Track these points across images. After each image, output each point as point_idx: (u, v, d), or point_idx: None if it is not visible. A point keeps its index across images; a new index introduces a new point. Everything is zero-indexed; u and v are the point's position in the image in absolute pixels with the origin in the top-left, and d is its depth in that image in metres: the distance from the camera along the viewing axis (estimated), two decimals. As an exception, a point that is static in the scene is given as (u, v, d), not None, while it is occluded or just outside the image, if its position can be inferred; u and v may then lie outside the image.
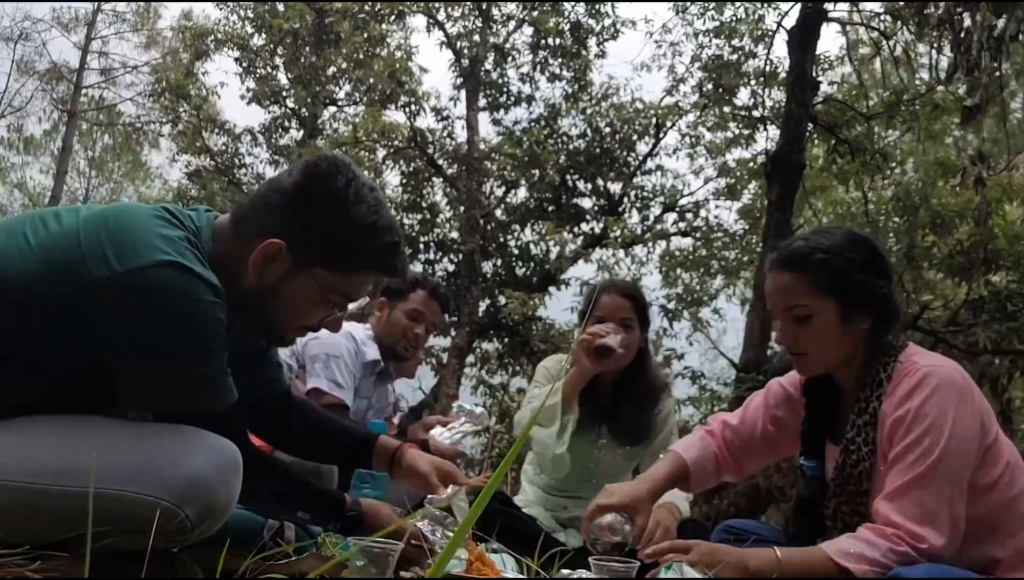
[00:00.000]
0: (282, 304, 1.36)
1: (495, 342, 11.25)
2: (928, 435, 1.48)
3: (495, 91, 11.14)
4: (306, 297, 1.36)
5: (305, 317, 1.39)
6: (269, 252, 1.31)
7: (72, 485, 1.13)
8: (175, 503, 1.14)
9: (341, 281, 1.36)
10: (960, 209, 8.30)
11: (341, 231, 1.33)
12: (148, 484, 1.14)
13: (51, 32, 16.07)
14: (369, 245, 1.35)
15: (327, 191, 1.33)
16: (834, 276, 1.58)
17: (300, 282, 1.34)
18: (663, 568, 1.98)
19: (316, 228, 1.33)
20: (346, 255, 1.35)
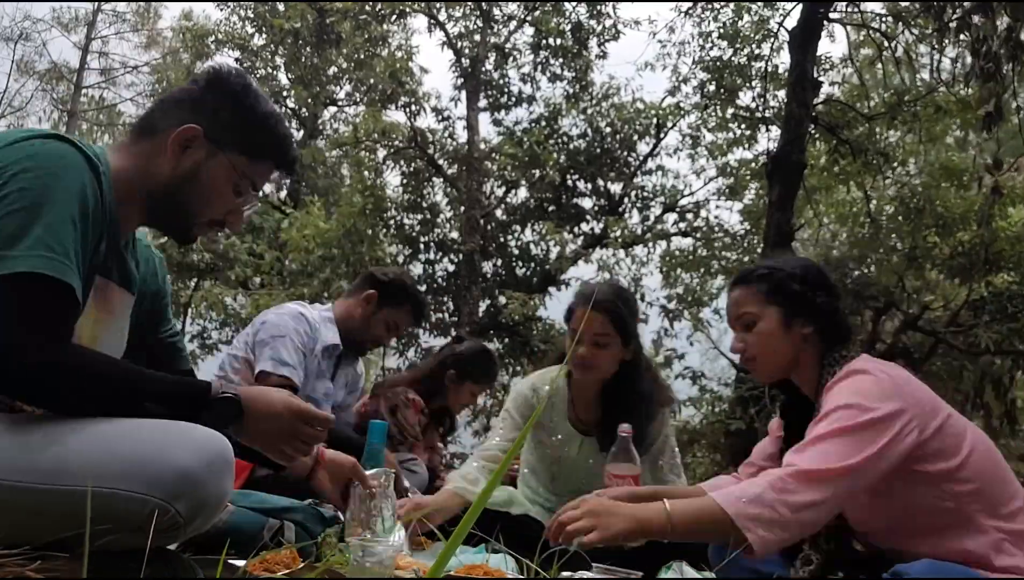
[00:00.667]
0: (199, 189, 1.40)
1: (495, 342, 11.24)
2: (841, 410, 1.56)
3: (496, 91, 11.14)
4: (222, 180, 1.42)
5: (218, 203, 1.44)
6: (187, 135, 1.38)
7: (62, 484, 1.12)
8: (165, 499, 1.13)
9: (250, 166, 1.44)
10: (963, 211, 8.31)
11: (250, 117, 1.44)
12: (138, 481, 1.13)
13: (51, 32, 16.13)
14: (273, 132, 1.46)
15: (234, 84, 1.44)
16: (776, 287, 1.79)
17: (217, 164, 1.41)
18: (663, 568, 1.98)
19: (228, 114, 1.42)
20: (255, 140, 1.44)
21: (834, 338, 1.77)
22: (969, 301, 7.96)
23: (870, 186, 9.48)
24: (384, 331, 2.85)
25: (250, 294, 10.60)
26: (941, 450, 1.58)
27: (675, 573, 1.94)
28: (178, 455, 1.16)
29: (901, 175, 9.77)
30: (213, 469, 1.18)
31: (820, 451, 1.51)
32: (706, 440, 8.83)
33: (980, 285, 7.94)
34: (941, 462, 1.57)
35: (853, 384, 1.62)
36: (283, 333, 2.57)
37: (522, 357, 10.72)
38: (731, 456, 7.51)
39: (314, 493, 2.13)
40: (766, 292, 1.79)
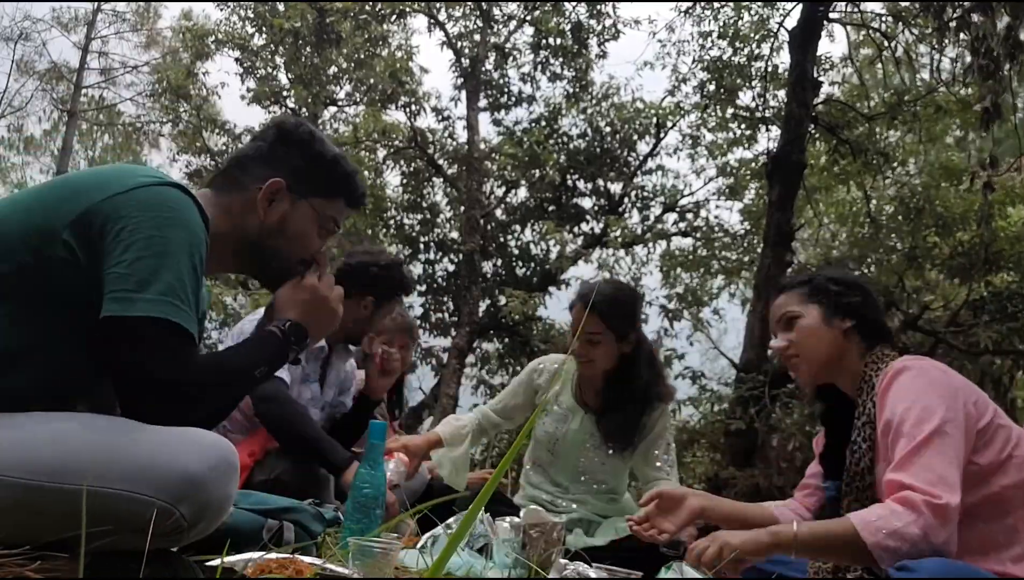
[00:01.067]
0: (289, 236, 1.52)
1: (495, 342, 11.25)
2: (913, 410, 1.63)
3: (496, 91, 11.14)
4: (307, 225, 1.54)
5: (308, 246, 1.56)
6: (272, 189, 1.50)
7: (67, 483, 1.12)
8: (170, 502, 1.13)
9: (329, 206, 1.57)
10: (963, 211, 8.31)
11: (322, 161, 1.57)
12: (143, 483, 1.13)
13: (51, 32, 16.08)
14: (343, 172, 1.60)
15: (302, 133, 1.57)
16: (815, 288, 1.92)
17: (301, 212, 1.53)
18: (663, 568, 1.99)
19: (303, 162, 1.54)
20: (329, 181, 1.58)
21: (874, 336, 1.87)
22: (969, 301, 7.96)
23: (870, 186, 9.47)
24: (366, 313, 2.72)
25: (250, 294, 10.59)
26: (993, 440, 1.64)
27: (675, 573, 1.94)
28: (183, 458, 1.16)
29: (901, 175, 9.77)
30: (218, 473, 1.19)
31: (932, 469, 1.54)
32: (706, 440, 8.82)
33: (980, 285, 7.94)
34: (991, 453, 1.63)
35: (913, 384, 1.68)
36: None
37: (522, 357, 10.72)
38: (731, 456, 7.51)
39: (314, 493, 2.13)
40: (807, 293, 1.92)
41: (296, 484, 2.21)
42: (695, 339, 11.06)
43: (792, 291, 1.95)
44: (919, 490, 1.52)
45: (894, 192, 9.59)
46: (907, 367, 1.72)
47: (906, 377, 1.70)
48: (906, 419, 1.62)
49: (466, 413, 2.79)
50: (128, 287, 1.22)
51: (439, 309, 11.11)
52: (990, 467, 1.61)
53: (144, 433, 1.20)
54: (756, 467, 7.10)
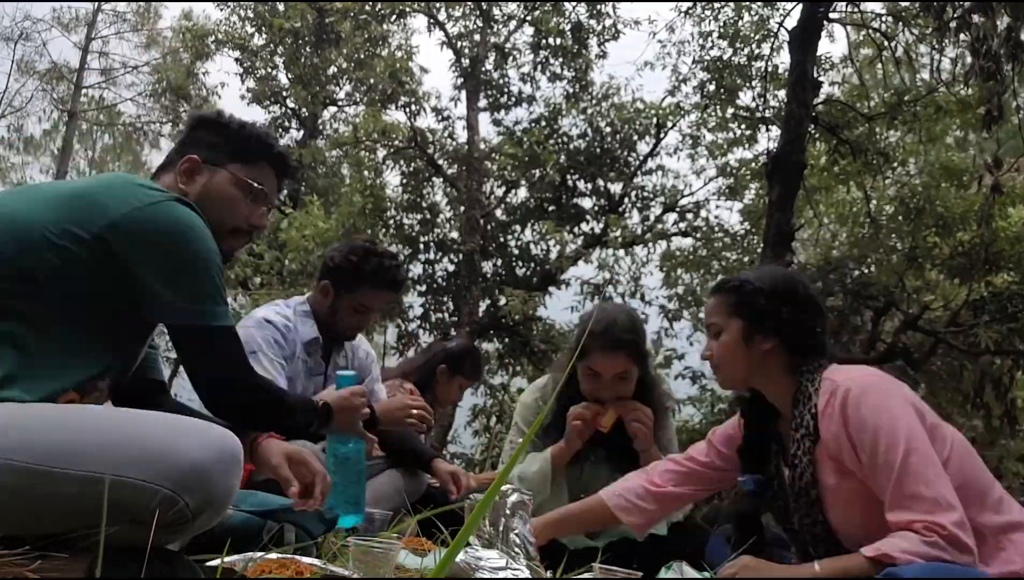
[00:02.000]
0: (213, 205, 1.60)
1: (495, 342, 11.24)
2: (880, 437, 1.59)
3: (496, 91, 11.14)
4: (228, 191, 1.64)
5: (235, 211, 1.65)
6: (188, 167, 1.62)
7: (75, 468, 1.13)
8: (175, 491, 1.13)
9: (250, 171, 1.67)
10: (963, 211, 8.31)
11: (230, 131, 1.69)
12: (148, 470, 1.13)
13: (51, 32, 16.06)
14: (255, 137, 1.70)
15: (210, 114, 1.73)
16: (742, 301, 1.83)
17: (219, 178, 1.64)
18: (663, 568, 1.99)
19: (215, 137, 1.67)
20: (245, 147, 1.68)
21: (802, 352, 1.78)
22: (969, 301, 7.96)
23: (870, 186, 9.47)
24: (355, 317, 2.68)
25: (250, 294, 10.59)
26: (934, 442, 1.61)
27: (675, 573, 1.94)
28: (190, 447, 1.17)
29: (901, 175, 9.76)
30: (223, 465, 1.19)
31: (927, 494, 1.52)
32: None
33: (980, 285, 7.94)
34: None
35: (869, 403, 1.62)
36: (253, 349, 2.46)
37: (522, 357, 10.73)
38: (731, 456, 7.49)
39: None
40: (732, 304, 1.84)
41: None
42: (695, 339, 11.05)
43: (720, 297, 1.88)
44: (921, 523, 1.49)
45: (894, 192, 9.59)
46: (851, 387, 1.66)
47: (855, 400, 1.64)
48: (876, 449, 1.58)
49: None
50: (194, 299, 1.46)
51: (439, 309, 11.10)
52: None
53: (151, 422, 1.22)
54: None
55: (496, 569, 1.53)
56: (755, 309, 1.80)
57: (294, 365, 2.60)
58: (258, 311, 2.67)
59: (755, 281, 1.85)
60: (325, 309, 2.67)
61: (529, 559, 1.73)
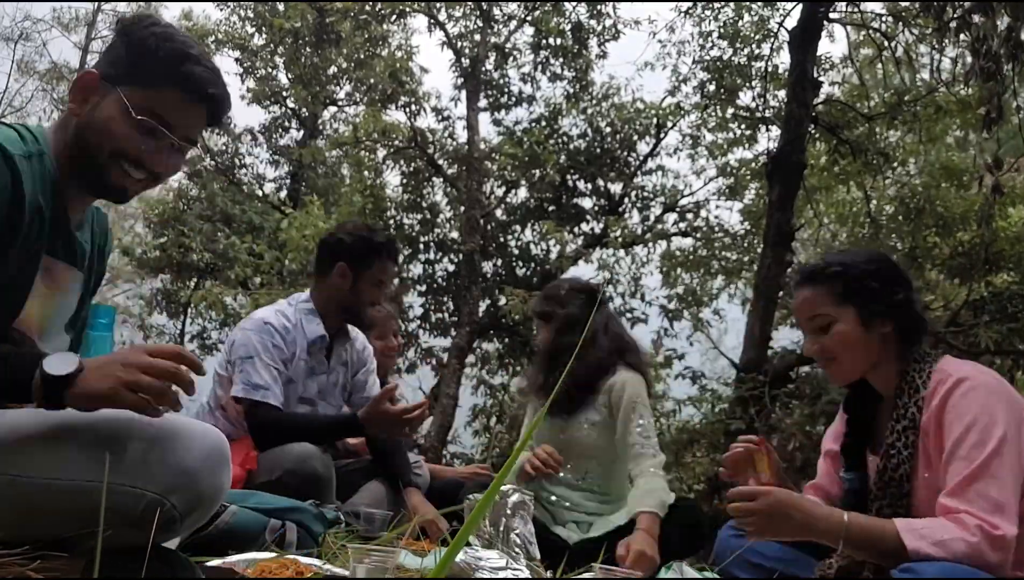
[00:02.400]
0: (96, 130, 1.36)
1: (495, 342, 11.24)
2: (973, 430, 1.53)
3: (496, 91, 11.13)
4: (116, 117, 1.36)
5: (118, 140, 1.36)
6: (84, 83, 1.37)
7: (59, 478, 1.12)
8: (161, 493, 1.13)
9: (147, 97, 1.37)
10: (963, 211, 8.31)
11: (141, 47, 1.38)
12: (133, 475, 1.13)
13: (51, 32, 16.10)
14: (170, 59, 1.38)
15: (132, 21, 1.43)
16: (850, 285, 1.72)
17: (108, 103, 1.36)
18: (663, 568, 1.99)
19: (122, 50, 1.39)
20: (148, 69, 1.37)
21: (912, 333, 1.74)
22: (969, 301, 7.95)
23: (870, 186, 9.47)
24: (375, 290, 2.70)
25: (250, 294, 10.59)
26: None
27: (675, 573, 1.94)
28: (174, 449, 1.16)
29: (901, 175, 9.76)
30: (209, 463, 1.18)
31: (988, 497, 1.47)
32: (706, 440, 8.81)
33: (980, 285, 7.93)
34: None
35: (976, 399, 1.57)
36: (250, 354, 2.49)
37: (522, 357, 10.72)
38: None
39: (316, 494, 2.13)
40: (841, 292, 1.73)
41: (297, 484, 2.21)
42: (695, 339, 11.05)
43: (822, 287, 1.76)
44: (974, 515, 1.46)
45: (894, 192, 9.58)
46: (965, 378, 1.61)
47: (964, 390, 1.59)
48: (964, 440, 1.53)
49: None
50: None
51: (439, 309, 11.10)
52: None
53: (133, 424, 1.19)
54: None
55: (496, 569, 1.53)
56: (868, 293, 1.72)
57: (295, 366, 2.60)
58: (258, 313, 2.67)
59: (856, 263, 1.76)
60: (346, 292, 2.67)
61: (529, 559, 1.73)
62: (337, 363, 2.76)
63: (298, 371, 2.61)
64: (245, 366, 2.49)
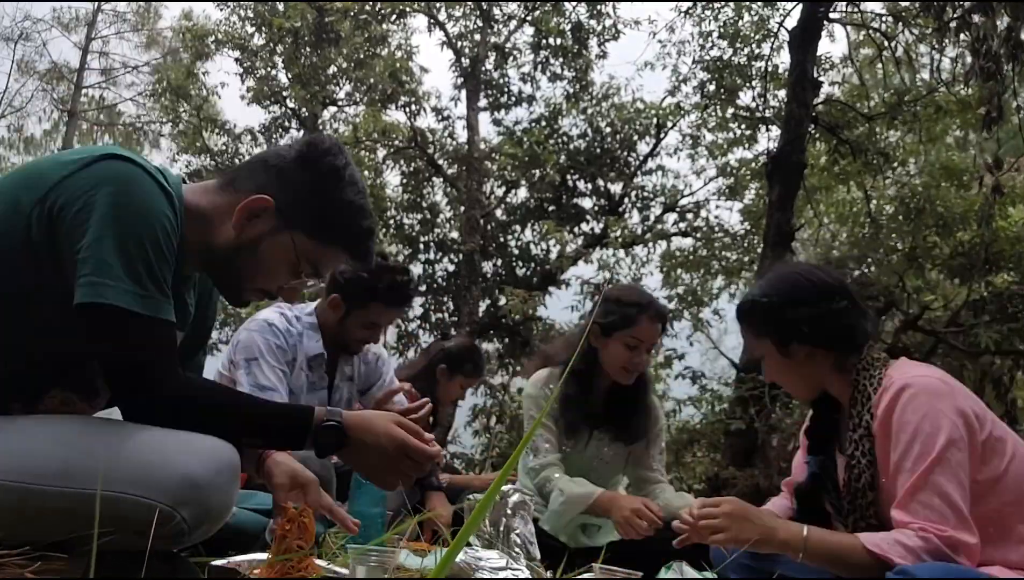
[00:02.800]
0: (256, 260, 1.38)
1: (495, 342, 11.24)
2: (916, 442, 1.56)
3: (496, 91, 11.13)
4: (280, 257, 1.39)
5: (272, 278, 1.41)
6: (256, 206, 1.35)
7: (70, 487, 1.12)
8: (172, 506, 1.13)
9: (315, 250, 1.40)
10: (963, 211, 8.31)
11: (329, 202, 1.38)
12: (145, 486, 1.12)
13: (51, 32, 16.10)
14: (351, 223, 1.41)
15: (326, 163, 1.39)
16: (763, 318, 1.80)
17: (279, 241, 1.37)
18: (663, 568, 1.99)
19: (307, 194, 1.37)
20: (328, 225, 1.39)
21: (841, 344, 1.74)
22: (969, 301, 7.96)
23: (870, 186, 9.47)
24: (364, 332, 2.63)
25: (250, 294, 10.58)
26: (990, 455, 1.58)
27: (675, 573, 1.94)
28: (185, 462, 1.16)
29: (901, 175, 9.76)
30: (220, 478, 1.18)
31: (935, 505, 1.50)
32: (706, 440, 8.83)
33: (980, 285, 7.93)
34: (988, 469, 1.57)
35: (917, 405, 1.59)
36: (254, 355, 2.46)
37: (522, 357, 10.72)
38: (731, 456, 7.50)
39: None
40: (757, 325, 1.82)
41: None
42: (695, 339, 11.06)
43: (745, 324, 1.86)
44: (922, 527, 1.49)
45: (894, 192, 9.59)
46: (907, 385, 1.62)
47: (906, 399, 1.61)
48: (908, 452, 1.56)
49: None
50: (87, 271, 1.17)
51: (439, 309, 11.10)
52: (987, 483, 1.56)
53: (147, 436, 1.20)
54: (756, 467, 7.10)
55: (496, 569, 1.53)
56: (773, 321, 1.77)
57: (295, 376, 2.57)
58: (261, 313, 2.65)
59: (761, 296, 1.81)
60: (333, 323, 2.61)
61: (530, 559, 1.73)
62: (342, 380, 2.73)
63: (299, 383, 2.58)
64: (251, 367, 2.46)
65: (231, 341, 2.69)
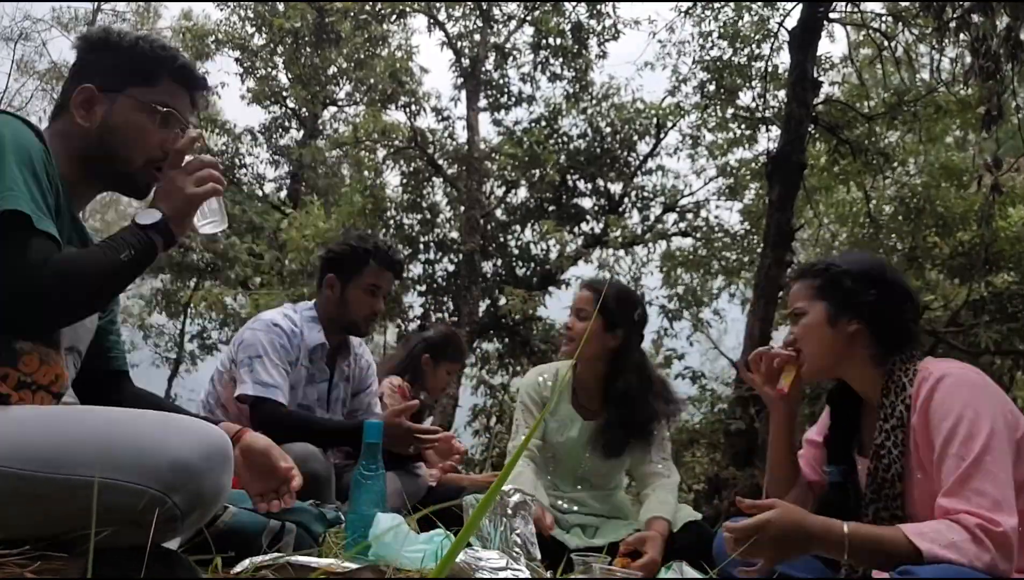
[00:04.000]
0: (119, 136, 1.46)
1: (495, 342, 11.25)
2: (961, 426, 1.54)
3: (496, 91, 11.14)
4: (133, 116, 1.47)
5: (144, 141, 1.47)
6: (85, 96, 1.45)
7: (61, 472, 1.12)
8: (163, 491, 1.12)
9: (154, 93, 1.49)
10: (963, 211, 8.31)
11: (124, 50, 1.49)
12: (135, 472, 1.12)
13: (51, 32, 16.11)
14: (151, 52, 1.50)
15: (98, 32, 1.54)
16: (828, 282, 1.79)
17: (120, 105, 1.46)
18: (663, 568, 1.99)
19: (108, 60, 1.48)
20: (140, 67, 1.49)
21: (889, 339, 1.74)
22: (969, 301, 7.96)
23: (870, 186, 9.47)
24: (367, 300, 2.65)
25: (250, 294, 10.60)
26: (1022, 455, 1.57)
27: (675, 573, 1.94)
28: (176, 447, 1.16)
29: (901, 175, 9.77)
30: (212, 462, 1.18)
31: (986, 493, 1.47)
32: (706, 440, 8.83)
33: (980, 285, 7.94)
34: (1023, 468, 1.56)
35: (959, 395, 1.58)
36: (259, 353, 2.49)
37: (522, 357, 10.73)
38: (731, 456, 7.51)
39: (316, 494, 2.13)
40: (817, 286, 1.80)
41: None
42: (695, 339, 11.07)
43: (804, 282, 1.84)
44: (974, 514, 1.45)
45: (894, 192, 9.59)
46: (947, 374, 1.62)
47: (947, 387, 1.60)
48: (953, 437, 1.53)
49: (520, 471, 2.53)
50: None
51: (439, 309, 11.11)
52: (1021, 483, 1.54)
53: (136, 421, 1.20)
54: (756, 467, 7.10)
55: (496, 569, 1.53)
56: (840, 290, 1.76)
57: (296, 372, 2.59)
58: (265, 315, 2.67)
59: (842, 263, 1.82)
60: (335, 303, 2.65)
61: (530, 559, 1.73)
62: (340, 378, 2.75)
63: (299, 377, 2.60)
64: (254, 364, 2.49)
65: (233, 339, 2.70)
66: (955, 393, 1.58)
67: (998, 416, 1.55)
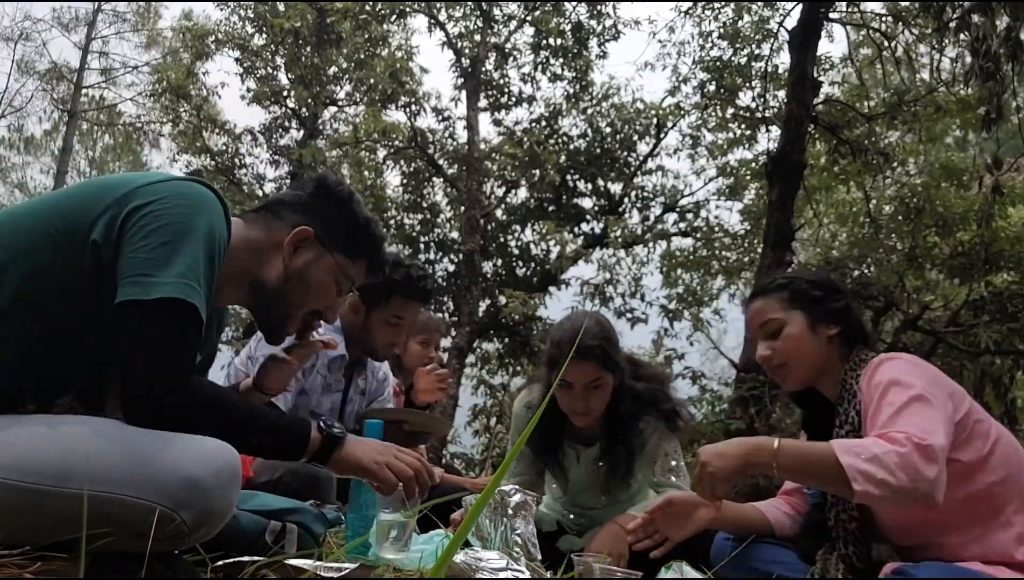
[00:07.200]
0: (305, 287, 1.53)
1: (495, 342, 11.24)
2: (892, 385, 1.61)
3: (496, 91, 11.14)
4: (326, 279, 1.55)
5: (322, 299, 1.57)
6: (300, 237, 1.52)
7: (69, 487, 1.12)
8: (172, 508, 1.13)
9: (350, 265, 1.58)
10: (963, 211, 8.31)
11: (353, 221, 1.60)
12: (145, 488, 1.13)
13: (51, 32, 16.17)
14: (372, 235, 1.62)
15: (341, 190, 1.61)
16: (797, 293, 1.87)
17: (323, 264, 1.55)
18: (663, 568, 1.99)
19: (335, 218, 1.57)
20: (357, 241, 1.60)
21: (855, 339, 1.85)
22: (969, 301, 7.95)
23: (870, 186, 9.47)
24: (389, 330, 2.58)
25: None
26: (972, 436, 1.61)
27: (675, 573, 1.94)
28: (186, 464, 1.16)
29: (901, 175, 9.77)
30: (221, 480, 1.18)
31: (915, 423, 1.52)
32: (706, 440, 8.82)
33: (980, 285, 7.93)
34: (972, 450, 1.60)
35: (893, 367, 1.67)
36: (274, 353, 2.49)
37: (522, 357, 10.73)
38: (731, 456, 7.49)
39: (316, 495, 2.13)
40: (788, 298, 1.87)
41: (298, 485, 2.20)
42: (695, 339, 11.06)
43: (771, 296, 1.89)
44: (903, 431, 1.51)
45: (894, 192, 9.59)
46: (886, 358, 1.72)
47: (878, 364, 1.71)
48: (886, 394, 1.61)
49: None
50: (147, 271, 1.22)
51: (439, 309, 11.10)
52: (973, 464, 1.59)
53: (147, 438, 1.20)
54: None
55: (496, 569, 1.53)
56: (810, 299, 1.85)
57: (312, 378, 2.56)
58: None
59: (800, 276, 1.93)
60: (358, 327, 2.60)
61: (530, 559, 1.73)
62: (355, 392, 2.72)
63: (314, 384, 2.57)
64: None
65: (252, 338, 2.67)
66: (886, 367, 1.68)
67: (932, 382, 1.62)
